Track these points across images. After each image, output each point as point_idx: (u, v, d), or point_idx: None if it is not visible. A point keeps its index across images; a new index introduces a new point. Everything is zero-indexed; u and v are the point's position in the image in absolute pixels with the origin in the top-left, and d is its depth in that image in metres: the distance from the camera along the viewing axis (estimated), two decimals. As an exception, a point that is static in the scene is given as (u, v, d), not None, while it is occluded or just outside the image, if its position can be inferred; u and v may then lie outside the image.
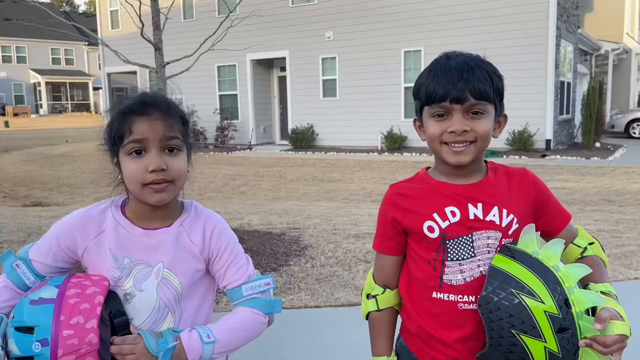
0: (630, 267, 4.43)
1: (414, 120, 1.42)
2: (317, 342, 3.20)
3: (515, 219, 1.32)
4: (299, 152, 15.55)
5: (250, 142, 17.46)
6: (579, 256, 1.41)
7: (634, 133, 18.59)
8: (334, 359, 2.99)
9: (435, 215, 1.32)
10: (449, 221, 1.32)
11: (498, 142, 13.78)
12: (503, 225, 1.31)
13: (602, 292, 1.27)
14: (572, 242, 1.42)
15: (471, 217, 1.31)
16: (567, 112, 15.57)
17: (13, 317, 1.25)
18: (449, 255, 1.32)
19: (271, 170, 13.00)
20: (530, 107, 13.42)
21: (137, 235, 1.36)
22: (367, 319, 1.50)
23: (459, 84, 1.26)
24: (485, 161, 1.40)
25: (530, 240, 1.29)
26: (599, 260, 1.40)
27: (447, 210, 1.32)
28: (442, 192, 1.34)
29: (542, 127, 13.43)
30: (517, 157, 12.95)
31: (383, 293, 1.45)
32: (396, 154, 14.42)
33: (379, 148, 15.27)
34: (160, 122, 1.29)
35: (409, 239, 1.40)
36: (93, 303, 1.24)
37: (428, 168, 1.44)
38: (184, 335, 1.31)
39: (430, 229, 1.32)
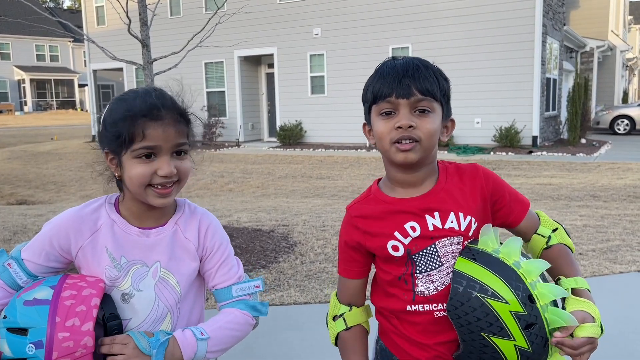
0: (615, 261, 4.49)
1: (363, 125, 1.40)
2: (306, 338, 3.21)
3: (474, 219, 1.32)
4: (287, 149, 15.51)
5: (238, 139, 17.39)
6: (545, 246, 1.40)
7: (619, 129, 18.83)
8: (323, 355, 3.00)
9: (396, 234, 1.32)
10: (411, 237, 1.31)
11: (485, 139, 13.89)
12: (462, 229, 1.31)
13: (573, 289, 1.28)
14: (535, 232, 1.40)
15: (430, 228, 1.31)
16: (553, 109, 15.70)
17: (5, 318, 1.21)
18: (418, 268, 1.32)
19: (259, 168, 12.98)
20: (516, 103, 13.53)
21: (133, 234, 1.34)
22: (336, 344, 1.46)
23: (404, 80, 1.26)
24: (437, 161, 1.39)
25: (489, 239, 1.29)
26: (566, 249, 1.39)
27: (407, 226, 1.32)
28: (399, 209, 1.34)
29: (528, 124, 13.53)
30: (503, 153, 13.01)
31: (350, 311, 1.44)
32: (384, 150, 14.43)
33: (367, 145, 15.29)
34: (172, 128, 1.27)
35: (376, 259, 1.40)
36: (89, 305, 1.22)
37: (379, 180, 1.43)
38: (177, 333, 1.29)
39: (395, 248, 1.32)
